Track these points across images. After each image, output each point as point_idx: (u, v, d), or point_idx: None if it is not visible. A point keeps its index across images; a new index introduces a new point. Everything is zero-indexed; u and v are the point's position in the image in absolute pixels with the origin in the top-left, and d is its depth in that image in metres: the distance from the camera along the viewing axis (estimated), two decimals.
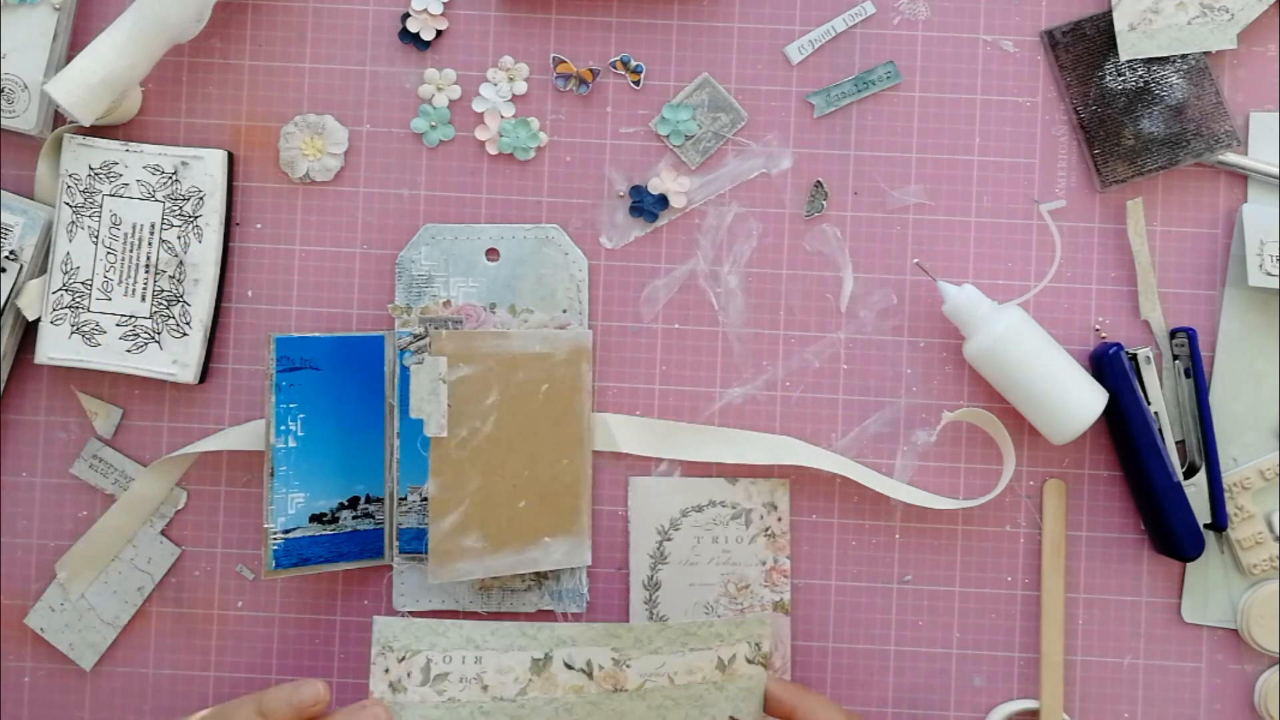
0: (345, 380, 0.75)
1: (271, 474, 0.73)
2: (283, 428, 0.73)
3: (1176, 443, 0.75)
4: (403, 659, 0.62)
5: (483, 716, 0.62)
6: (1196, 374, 0.75)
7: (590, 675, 0.64)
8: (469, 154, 0.77)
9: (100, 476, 0.77)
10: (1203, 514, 0.74)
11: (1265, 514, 0.75)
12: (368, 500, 0.75)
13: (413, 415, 0.70)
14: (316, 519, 0.74)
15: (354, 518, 0.75)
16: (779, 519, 0.75)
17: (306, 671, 0.77)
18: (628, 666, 0.64)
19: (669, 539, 0.75)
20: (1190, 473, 0.75)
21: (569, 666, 0.64)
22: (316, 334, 0.75)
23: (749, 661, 0.66)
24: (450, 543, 0.70)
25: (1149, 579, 0.77)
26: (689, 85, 0.77)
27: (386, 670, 0.62)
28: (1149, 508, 0.75)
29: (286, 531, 0.67)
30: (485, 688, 0.62)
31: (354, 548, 0.75)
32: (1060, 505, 0.76)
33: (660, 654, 0.65)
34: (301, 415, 0.73)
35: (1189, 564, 0.76)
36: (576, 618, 0.76)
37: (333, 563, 0.75)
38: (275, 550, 0.73)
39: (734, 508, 0.75)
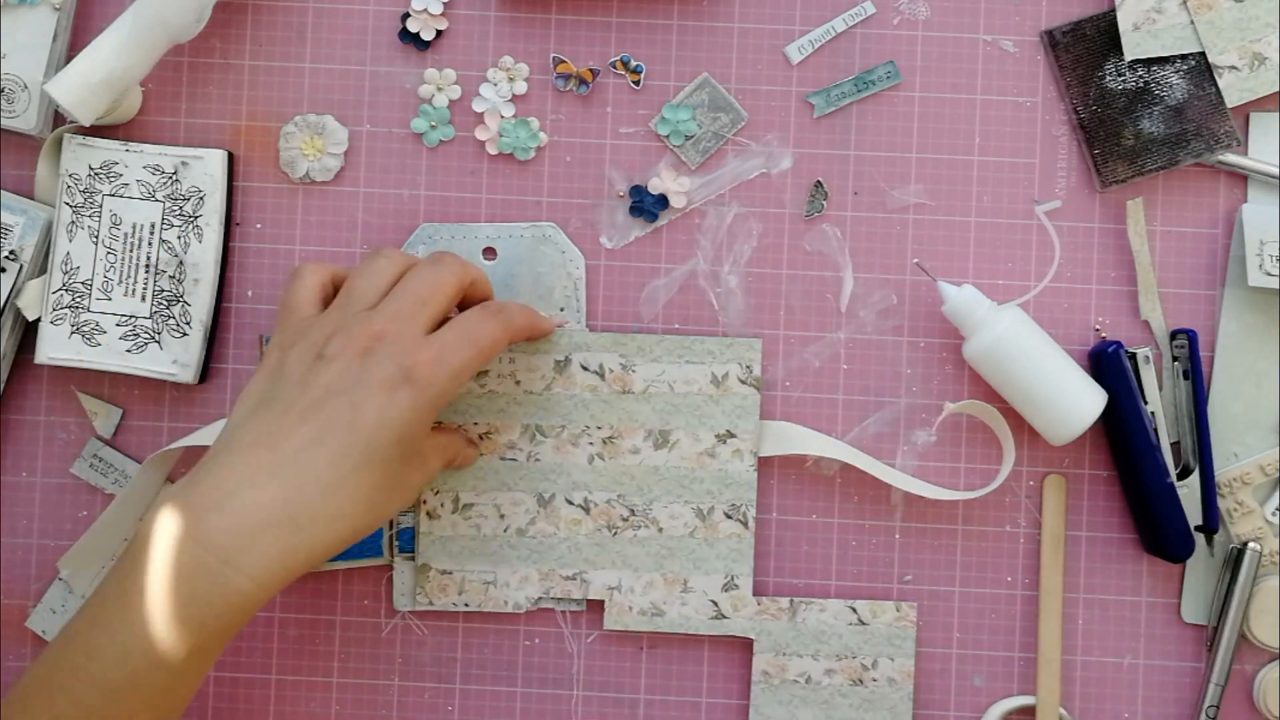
0: None
1: None
2: None
3: (1171, 444, 0.75)
4: None
5: (516, 405, 0.73)
6: (1195, 376, 0.75)
7: (602, 377, 0.74)
8: (469, 154, 0.77)
9: (100, 476, 0.77)
10: (1194, 517, 0.74)
11: (1265, 509, 0.76)
12: None
13: None
14: None
15: None
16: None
17: (306, 670, 0.77)
18: (633, 371, 0.74)
19: None
20: (1184, 475, 0.75)
21: (584, 368, 0.74)
22: None
23: (741, 382, 0.74)
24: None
25: (1149, 579, 0.77)
26: (689, 85, 0.77)
27: None
28: (1141, 507, 0.75)
29: None
30: (518, 382, 0.73)
31: (353, 548, 0.75)
32: (1060, 500, 0.76)
33: (660, 363, 0.74)
34: None
35: (1189, 564, 0.76)
36: (576, 618, 0.76)
37: (331, 561, 0.75)
38: None
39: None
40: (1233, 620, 0.75)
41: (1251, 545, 0.75)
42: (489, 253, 0.76)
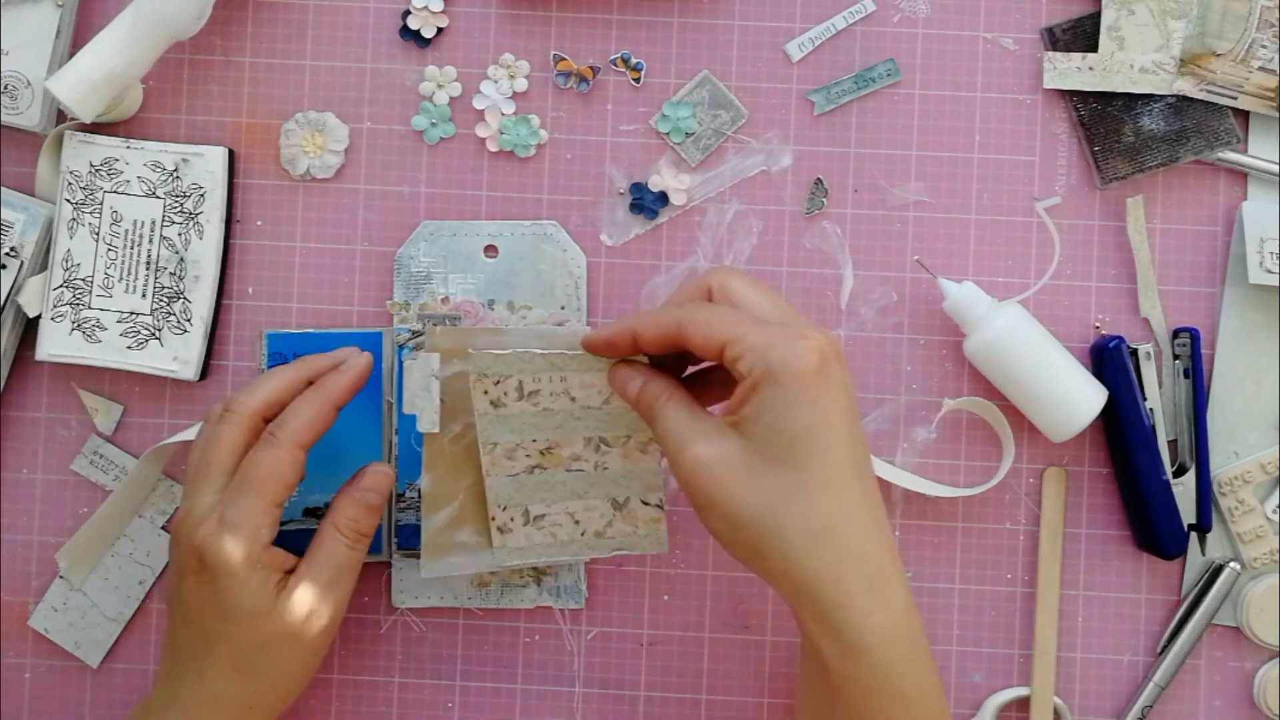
0: None
1: None
2: None
3: (1169, 442, 0.75)
4: (498, 382, 0.68)
5: (575, 420, 0.70)
6: (1196, 374, 0.75)
7: None
8: (469, 151, 0.77)
9: (101, 473, 0.77)
10: (1188, 515, 0.75)
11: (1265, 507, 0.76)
12: None
13: (405, 411, 0.71)
14: (311, 513, 0.74)
15: None
16: None
17: None
18: None
19: None
20: (1180, 473, 0.75)
21: None
22: (311, 330, 0.75)
23: None
24: (444, 538, 0.70)
25: (1149, 576, 0.77)
26: (689, 83, 0.77)
27: (485, 392, 0.69)
28: (1135, 503, 0.75)
29: (281, 525, 0.67)
30: (573, 399, 0.69)
31: None
32: (1060, 493, 0.76)
33: None
34: None
35: (1189, 563, 0.76)
36: (575, 613, 0.76)
37: None
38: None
39: None
40: (1192, 629, 0.75)
41: (1231, 565, 0.75)
42: (490, 250, 0.76)
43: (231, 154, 0.76)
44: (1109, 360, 0.74)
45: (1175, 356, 0.76)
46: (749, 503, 0.59)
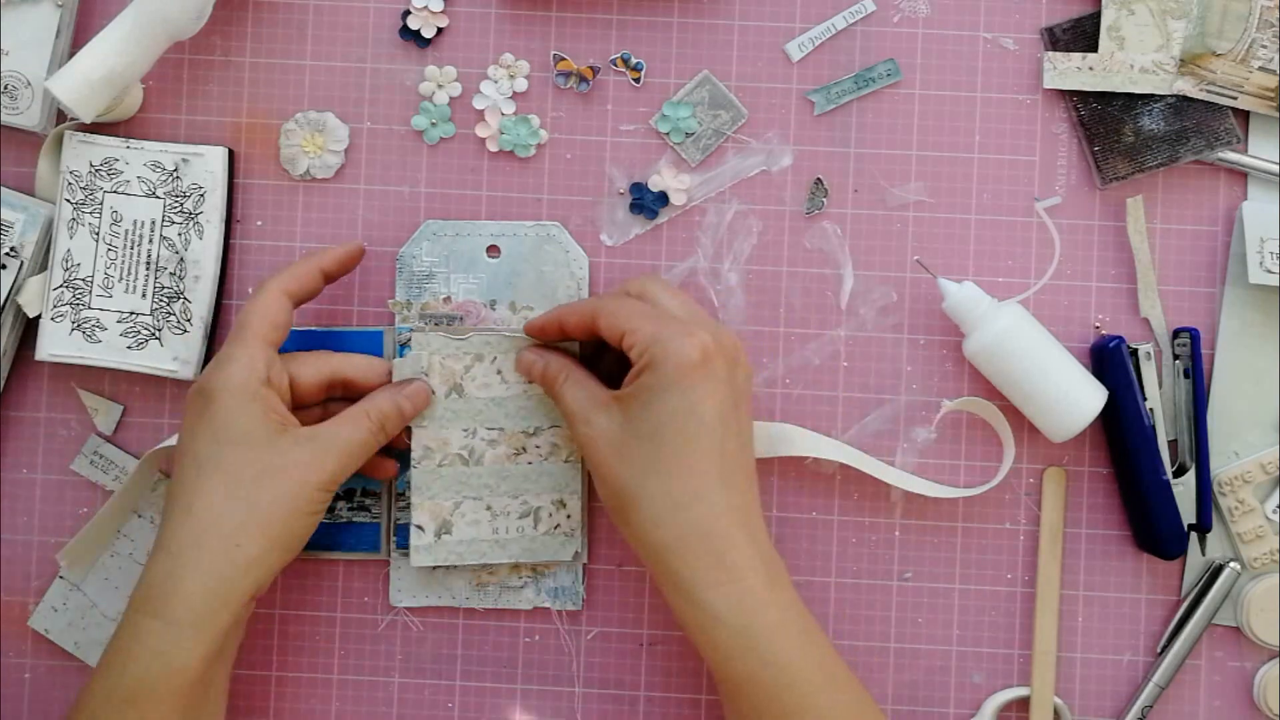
0: None
1: None
2: None
3: (1169, 442, 0.75)
4: (444, 359, 0.73)
5: (497, 408, 0.74)
6: (1196, 374, 0.75)
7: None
8: (469, 151, 0.77)
9: (101, 473, 0.77)
10: (1188, 515, 0.74)
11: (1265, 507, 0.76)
12: (364, 494, 0.76)
13: None
14: None
15: (350, 510, 0.75)
16: None
17: (306, 667, 0.77)
18: None
19: None
20: (1180, 473, 0.75)
21: None
22: (312, 327, 0.75)
23: None
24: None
25: (1149, 576, 0.77)
26: (689, 83, 0.77)
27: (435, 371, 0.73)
28: (1135, 503, 0.75)
29: None
30: (505, 381, 0.74)
31: (349, 540, 0.75)
32: (1060, 492, 0.76)
33: None
34: None
35: (1189, 563, 0.76)
36: (574, 614, 0.76)
37: (328, 550, 0.75)
38: None
39: None
40: (1192, 629, 0.75)
41: (1231, 565, 0.75)
42: (492, 250, 0.76)
43: (231, 154, 0.76)
44: (1109, 360, 0.74)
45: (1175, 356, 0.76)
46: (619, 473, 0.66)
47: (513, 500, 0.74)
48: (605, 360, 0.73)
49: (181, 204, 0.75)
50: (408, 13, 0.76)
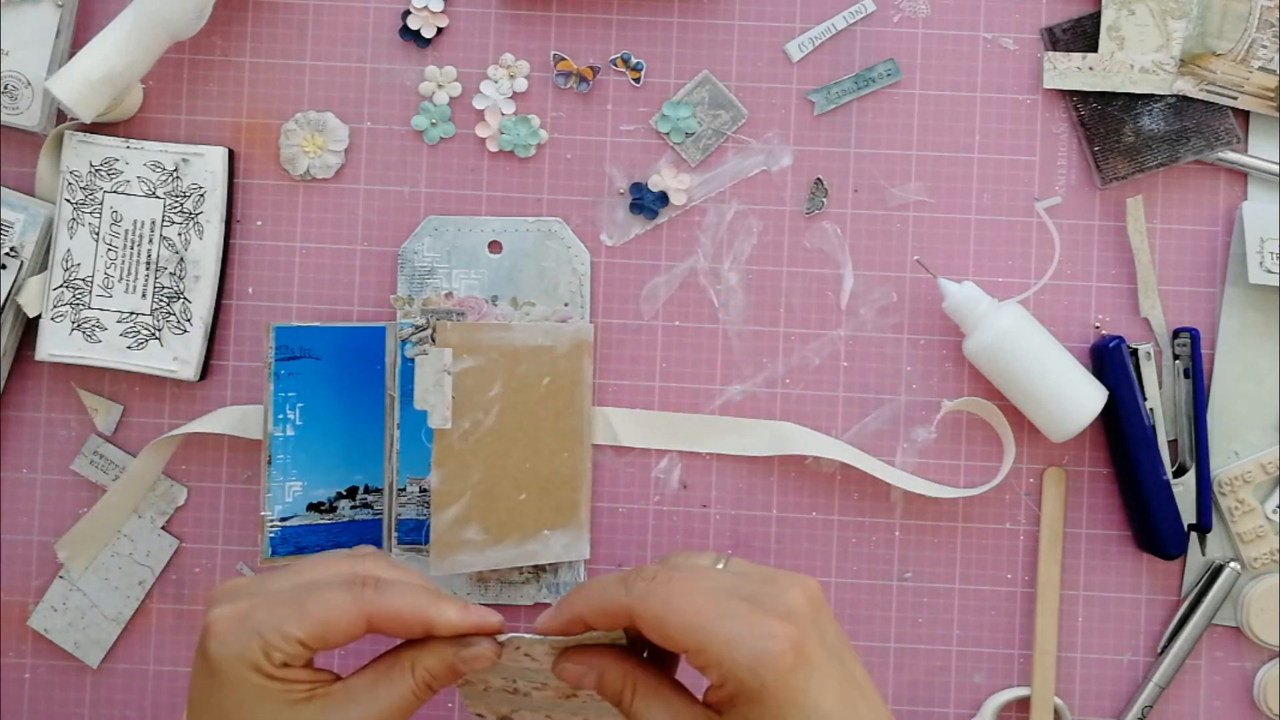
0: (345, 370, 0.75)
1: (269, 462, 0.73)
2: (280, 416, 0.73)
3: (1169, 441, 0.75)
4: (484, 689, 0.62)
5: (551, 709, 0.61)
6: (1196, 374, 0.75)
7: None
8: (469, 151, 0.77)
9: (101, 473, 0.77)
10: (1188, 515, 0.74)
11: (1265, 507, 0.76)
12: (366, 490, 0.76)
13: (417, 406, 0.71)
14: (314, 508, 0.74)
15: (352, 507, 0.76)
16: None
17: None
18: None
19: None
20: (1180, 473, 0.75)
21: None
22: (319, 323, 0.75)
23: None
24: (452, 535, 0.70)
25: (1149, 576, 0.77)
26: (689, 83, 0.77)
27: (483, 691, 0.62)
28: (1136, 503, 0.75)
29: (284, 519, 0.67)
30: (550, 687, 0.60)
31: (352, 537, 0.75)
32: (1060, 493, 0.76)
33: None
34: (300, 404, 0.74)
35: (1189, 563, 0.76)
36: None
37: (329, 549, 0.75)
38: (272, 538, 0.73)
39: None
40: (1192, 629, 0.75)
41: (1231, 565, 0.75)
42: (494, 246, 0.76)
43: (231, 154, 0.76)
44: (1109, 360, 0.74)
45: (1175, 356, 0.76)
46: None
47: (572, 717, 0.62)
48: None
49: (181, 204, 0.75)
50: (408, 13, 0.76)
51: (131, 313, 0.75)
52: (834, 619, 0.56)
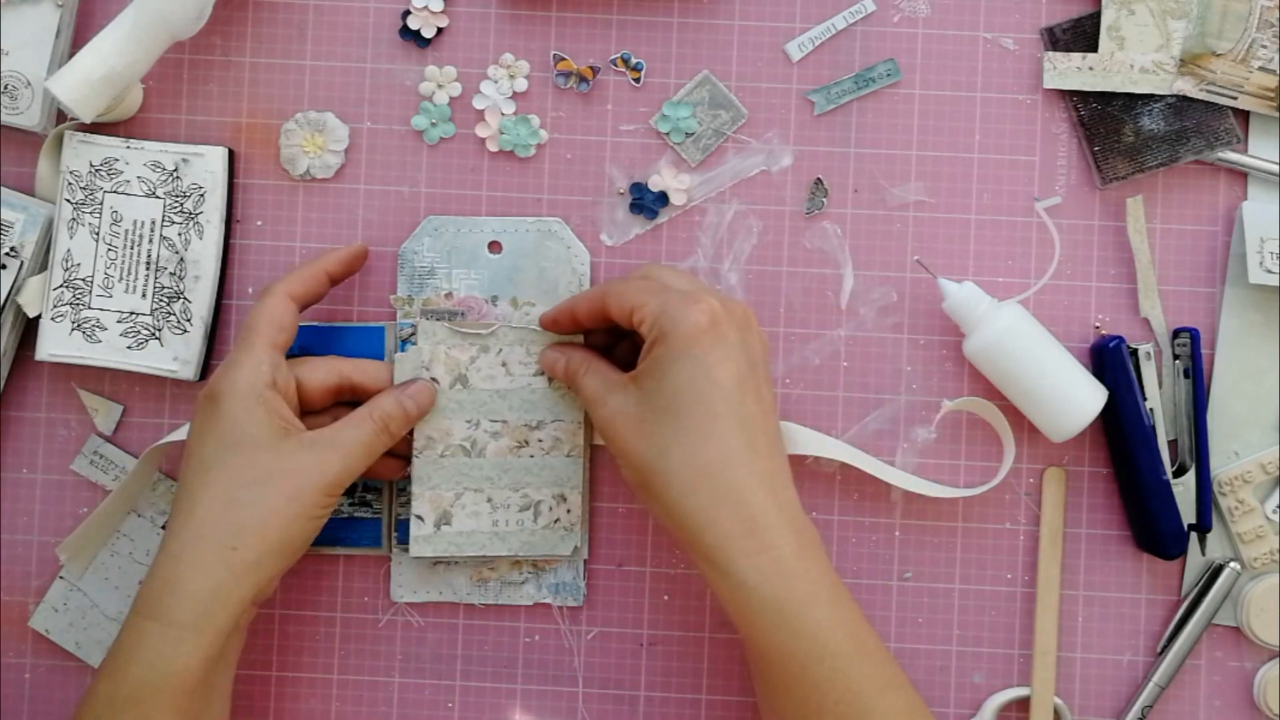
0: None
1: None
2: None
3: (1169, 441, 0.75)
4: (449, 350, 0.74)
5: (501, 400, 0.74)
6: (1196, 374, 0.75)
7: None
8: (469, 151, 0.77)
9: (101, 473, 0.77)
10: (1188, 515, 0.75)
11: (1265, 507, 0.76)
12: (365, 489, 0.76)
13: None
14: None
15: (351, 505, 0.76)
16: None
17: (306, 666, 0.77)
18: None
19: None
20: (1180, 473, 0.75)
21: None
22: (315, 323, 0.75)
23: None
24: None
25: (1149, 576, 0.77)
26: (689, 83, 0.77)
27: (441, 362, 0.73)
28: (1136, 503, 0.75)
29: None
30: (509, 373, 0.74)
31: (351, 535, 0.75)
32: (1060, 493, 0.76)
33: None
34: None
35: (1189, 563, 0.76)
36: (575, 612, 0.76)
37: (329, 546, 0.75)
38: None
39: None
40: (1192, 629, 0.75)
41: (1231, 565, 0.75)
42: (494, 246, 0.76)
43: (231, 154, 0.76)
44: (1109, 360, 0.74)
45: (1175, 356, 0.76)
46: (641, 449, 0.65)
47: (513, 493, 0.74)
48: (617, 351, 0.74)
49: (181, 204, 0.75)
50: (408, 13, 0.76)
51: (131, 313, 0.75)
52: (767, 347, 0.69)
